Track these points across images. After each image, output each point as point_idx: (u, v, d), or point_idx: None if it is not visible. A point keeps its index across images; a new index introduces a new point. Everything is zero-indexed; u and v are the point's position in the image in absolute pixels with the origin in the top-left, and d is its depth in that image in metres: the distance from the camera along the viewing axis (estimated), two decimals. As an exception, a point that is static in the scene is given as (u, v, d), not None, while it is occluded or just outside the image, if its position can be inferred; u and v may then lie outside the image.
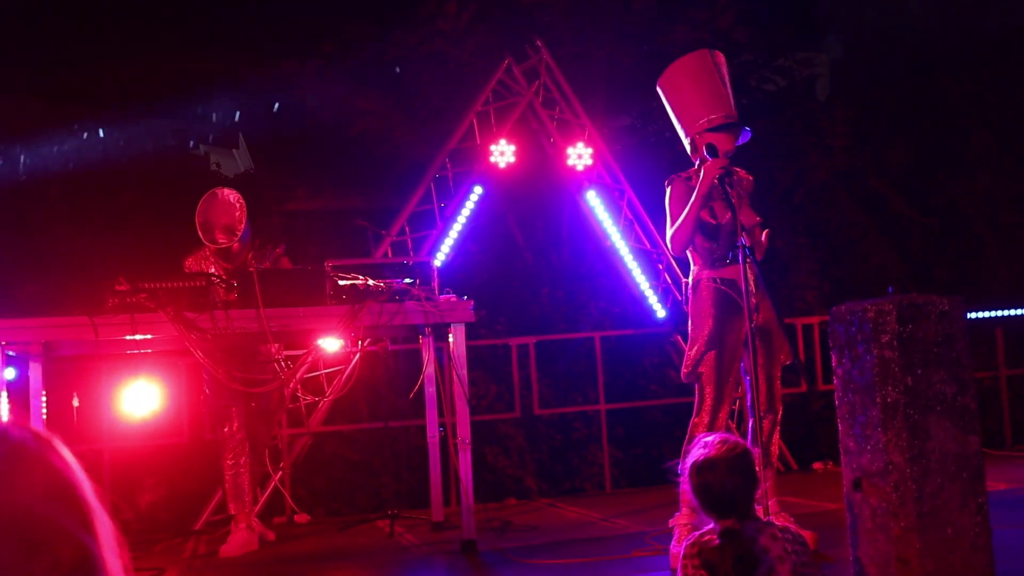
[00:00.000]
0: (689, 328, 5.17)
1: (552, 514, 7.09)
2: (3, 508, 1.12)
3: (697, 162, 5.18)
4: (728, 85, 5.17)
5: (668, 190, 5.15)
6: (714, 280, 5.08)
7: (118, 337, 5.30)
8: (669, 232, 5.09)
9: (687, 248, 5.09)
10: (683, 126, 5.24)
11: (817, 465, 8.14)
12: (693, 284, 5.20)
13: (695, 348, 5.05)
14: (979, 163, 10.48)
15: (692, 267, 5.24)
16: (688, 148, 5.24)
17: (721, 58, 5.29)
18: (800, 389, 8.34)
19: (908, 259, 9.96)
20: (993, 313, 8.73)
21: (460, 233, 7.89)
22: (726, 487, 2.87)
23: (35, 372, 5.45)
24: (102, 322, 5.19)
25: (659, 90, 5.35)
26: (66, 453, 1.20)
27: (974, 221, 10.14)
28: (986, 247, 9.95)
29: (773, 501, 5.05)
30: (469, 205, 7.89)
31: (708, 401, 4.99)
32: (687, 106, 5.19)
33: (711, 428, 4.92)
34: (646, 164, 9.17)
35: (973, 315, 8.68)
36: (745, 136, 5.12)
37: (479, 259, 8.92)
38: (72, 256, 9.38)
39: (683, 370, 5.10)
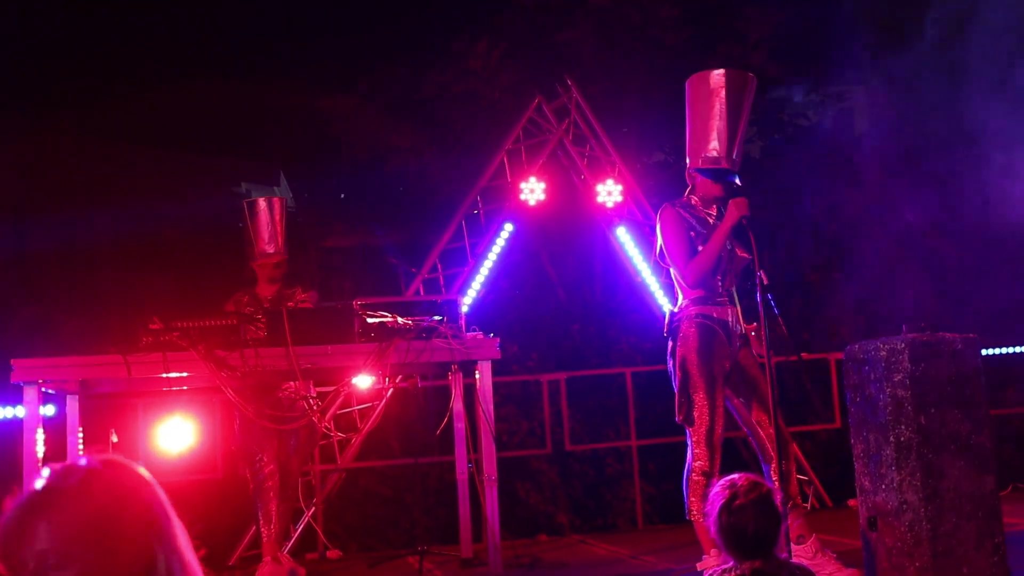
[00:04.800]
0: (674, 366, 5.13)
1: (582, 551, 7.08)
2: (85, 519, 1.52)
3: (687, 190, 5.24)
4: (744, 123, 5.19)
5: (659, 218, 5.18)
6: (702, 316, 5.06)
7: (151, 375, 5.41)
8: (678, 263, 5.09)
9: (703, 282, 5.09)
10: (688, 147, 5.27)
11: (852, 502, 8.04)
12: (680, 318, 5.13)
13: (686, 391, 5.03)
14: (1017, 196, 10.38)
15: (681, 299, 5.20)
16: (688, 162, 5.27)
17: (753, 86, 5.28)
18: (835, 425, 8.29)
19: (945, 293, 9.87)
20: (1033, 348, 8.63)
21: (491, 270, 7.96)
22: (759, 529, 2.88)
23: (72, 409, 5.58)
24: (135, 360, 5.30)
25: (687, 88, 5.32)
26: (145, 478, 1.66)
27: (1013, 255, 10.02)
28: (1024, 281, 9.83)
29: (813, 539, 5.02)
30: (500, 242, 7.96)
31: (703, 444, 4.98)
32: (698, 128, 5.18)
33: (711, 470, 4.92)
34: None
35: (1011, 350, 8.59)
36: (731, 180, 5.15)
37: (511, 296, 9.00)
38: (116, 293, 9.59)
39: (677, 415, 5.08)
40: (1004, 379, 8.79)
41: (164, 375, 5.45)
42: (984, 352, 5.60)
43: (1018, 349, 8.62)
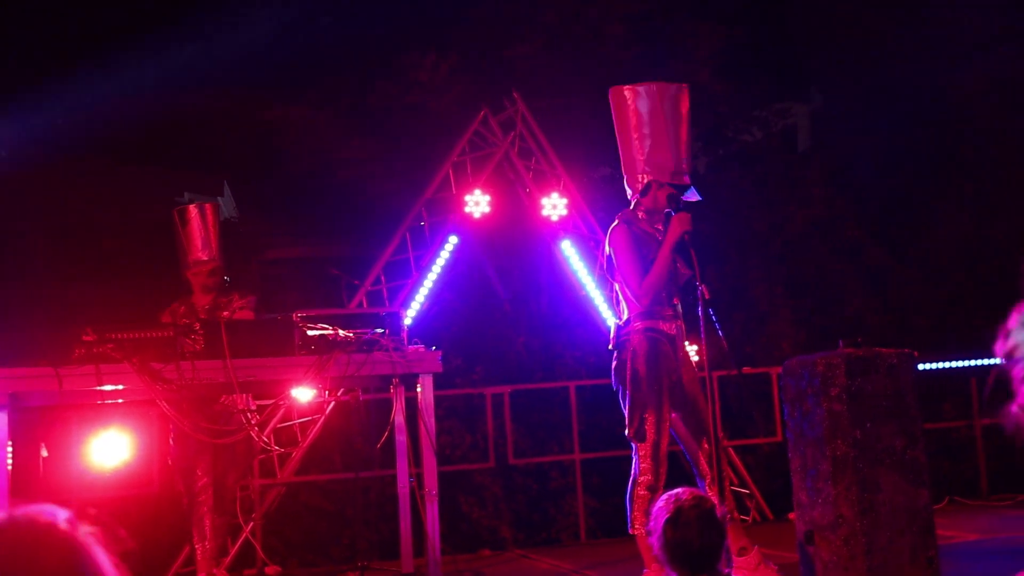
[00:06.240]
0: (621, 379, 5.11)
1: (524, 566, 7.04)
2: None
3: (633, 203, 5.24)
4: (686, 132, 5.21)
5: (610, 236, 5.19)
6: (651, 330, 5.06)
7: (83, 388, 5.28)
8: (631, 283, 5.08)
9: (654, 298, 5.09)
10: (629, 162, 5.26)
11: (792, 515, 8.10)
12: (628, 332, 5.12)
13: (638, 406, 5.02)
14: (959, 214, 10.56)
15: (626, 312, 5.19)
16: (625, 177, 5.28)
17: (687, 95, 5.30)
18: (776, 439, 8.33)
19: (886, 308, 10.00)
20: (968, 363, 8.75)
21: (435, 283, 7.91)
22: (703, 543, 2.87)
23: (1, 423, 5.41)
24: (67, 373, 5.16)
25: (611, 99, 5.34)
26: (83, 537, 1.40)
27: (952, 271, 10.20)
28: (965, 297, 9.99)
29: (755, 551, 5.04)
30: (444, 255, 7.92)
31: (650, 458, 4.98)
32: (638, 142, 5.19)
33: (657, 485, 4.92)
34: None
35: (949, 364, 8.71)
36: (691, 196, 5.17)
37: (456, 308, 8.94)
38: (53, 304, 9.37)
39: (628, 430, 5.07)
40: (942, 392, 8.92)
41: (98, 388, 5.32)
42: (922, 367, 5.67)
43: (956, 364, 8.75)
